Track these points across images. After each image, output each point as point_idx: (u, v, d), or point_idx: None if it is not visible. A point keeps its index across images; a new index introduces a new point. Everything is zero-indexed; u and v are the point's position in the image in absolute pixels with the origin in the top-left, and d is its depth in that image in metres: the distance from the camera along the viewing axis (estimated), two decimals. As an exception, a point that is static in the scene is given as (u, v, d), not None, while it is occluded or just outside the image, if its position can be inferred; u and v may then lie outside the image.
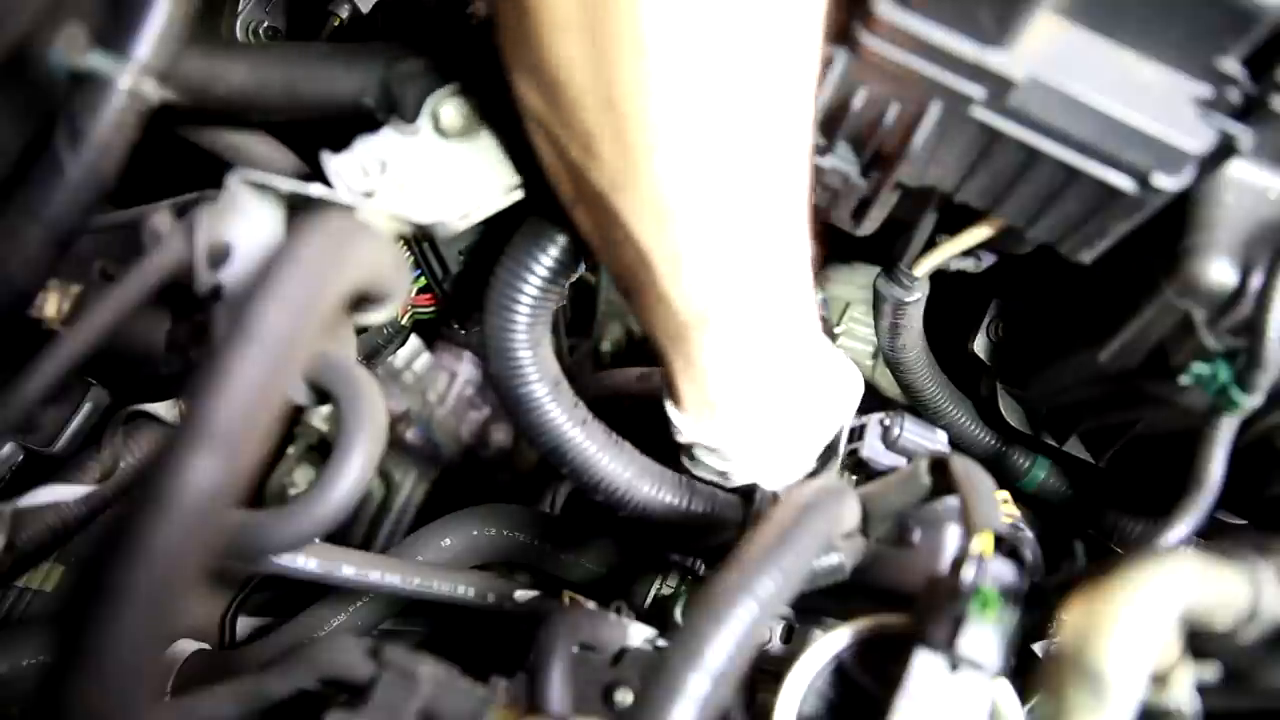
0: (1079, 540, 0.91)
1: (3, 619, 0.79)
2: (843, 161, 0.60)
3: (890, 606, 0.51)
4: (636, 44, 0.42)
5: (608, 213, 0.51)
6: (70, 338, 0.48)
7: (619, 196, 0.50)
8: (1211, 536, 0.64)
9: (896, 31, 0.48)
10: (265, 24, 0.98)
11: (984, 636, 0.43)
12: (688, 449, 0.69)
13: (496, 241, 0.64)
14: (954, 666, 0.43)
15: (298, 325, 0.38)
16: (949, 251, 0.72)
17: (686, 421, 0.66)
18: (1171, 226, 0.55)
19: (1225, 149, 0.50)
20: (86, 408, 0.76)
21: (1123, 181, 0.52)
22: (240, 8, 0.97)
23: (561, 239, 0.61)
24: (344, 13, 0.95)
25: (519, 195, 0.60)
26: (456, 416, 0.96)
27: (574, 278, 0.65)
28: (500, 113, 0.56)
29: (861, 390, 0.73)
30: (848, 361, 0.73)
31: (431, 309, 0.97)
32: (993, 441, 0.93)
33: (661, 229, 0.51)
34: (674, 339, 0.60)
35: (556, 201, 0.57)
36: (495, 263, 0.64)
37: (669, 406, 0.67)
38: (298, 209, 0.53)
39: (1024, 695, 0.47)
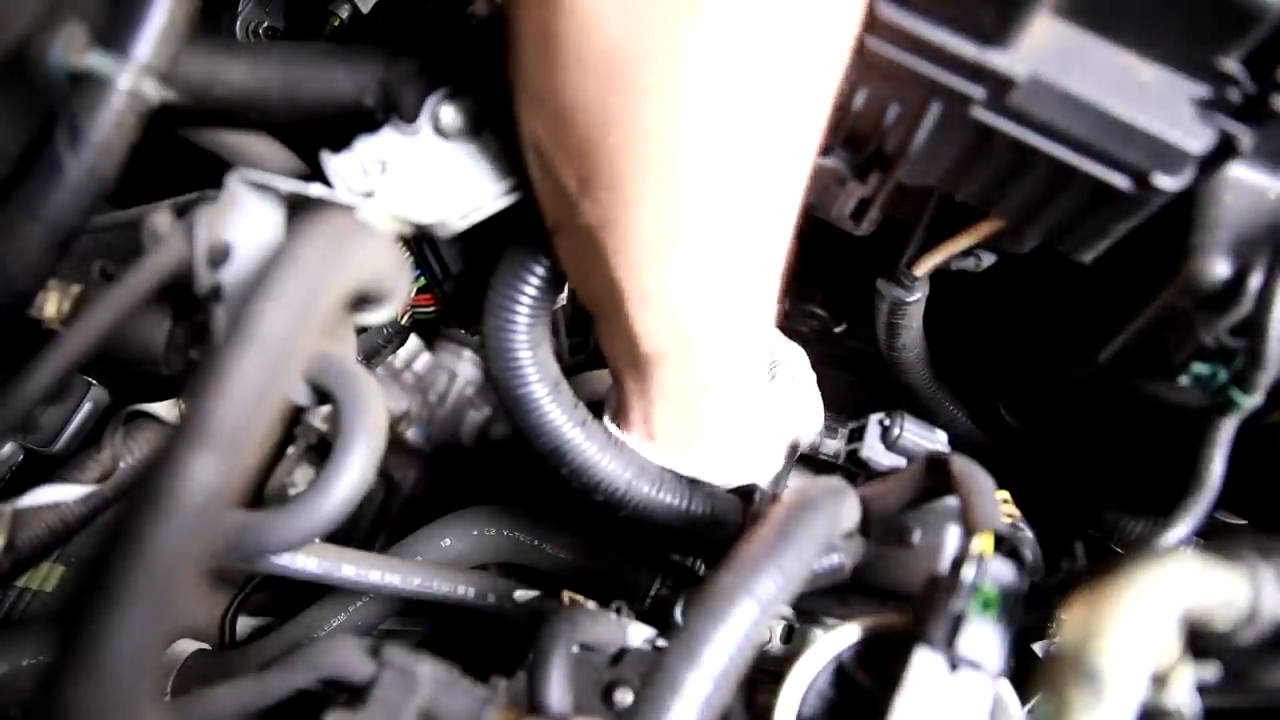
0: (1079, 540, 0.91)
1: (3, 619, 0.79)
2: (842, 162, 0.60)
3: (890, 606, 0.51)
4: (672, 99, 0.42)
5: (590, 244, 0.52)
6: (70, 338, 0.48)
7: (604, 232, 0.50)
8: (1211, 536, 0.63)
9: (897, 32, 0.48)
10: (265, 24, 0.98)
11: (984, 636, 0.43)
12: None
13: (496, 241, 0.64)
14: (954, 666, 0.43)
15: (297, 325, 0.38)
16: (949, 251, 0.72)
17: (627, 439, 0.68)
18: (1172, 226, 0.55)
19: (1225, 149, 0.49)
20: (86, 408, 0.76)
21: (1122, 181, 0.52)
22: (240, 8, 0.97)
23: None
24: (344, 13, 0.95)
25: (519, 195, 0.60)
26: (456, 416, 0.96)
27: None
28: (500, 113, 0.56)
29: (820, 422, 0.79)
30: (806, 393, 0.77)
31: (431, 309, 0.97)
32: (992, 442, 0.93)
33: (640, 269, 0.52)
34: (631, 367, 0.62)
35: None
36: (495, 263, 0.64)
37: (608, 421, 0.69)
38: (298, 209, 0.53)
39: (1024, 695, 0.47)
